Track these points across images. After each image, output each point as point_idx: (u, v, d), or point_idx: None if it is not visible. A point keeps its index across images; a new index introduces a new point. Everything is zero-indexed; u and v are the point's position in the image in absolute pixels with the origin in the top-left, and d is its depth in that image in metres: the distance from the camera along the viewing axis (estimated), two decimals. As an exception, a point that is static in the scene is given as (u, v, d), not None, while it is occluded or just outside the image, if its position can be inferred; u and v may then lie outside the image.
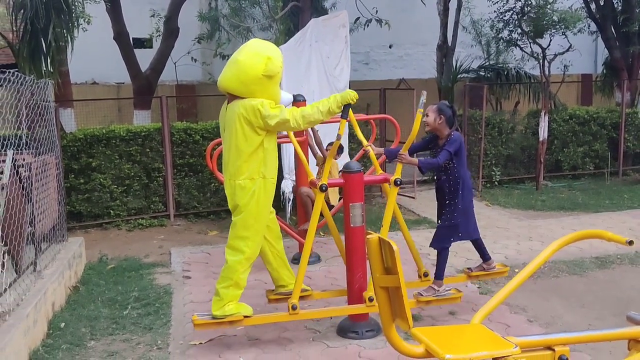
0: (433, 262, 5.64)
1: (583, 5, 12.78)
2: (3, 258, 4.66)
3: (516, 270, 6.72)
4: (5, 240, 4.76)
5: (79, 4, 7.84)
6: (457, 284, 5.71)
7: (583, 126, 12.20)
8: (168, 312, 5.65)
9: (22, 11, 7.37)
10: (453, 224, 5.17)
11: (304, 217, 6.93)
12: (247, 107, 4.47)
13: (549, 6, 10.12)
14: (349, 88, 9.34)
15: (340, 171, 4.94)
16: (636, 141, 12.51)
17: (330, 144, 7.08)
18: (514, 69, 13.20)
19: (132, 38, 12.24)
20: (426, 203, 10.17)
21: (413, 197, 10.31)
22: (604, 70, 14.13)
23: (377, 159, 5.67)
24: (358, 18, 12.45)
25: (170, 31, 12.05)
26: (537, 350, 2.80)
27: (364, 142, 5.50)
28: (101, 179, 8.94)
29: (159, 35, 12.52)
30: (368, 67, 17.96)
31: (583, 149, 12.23)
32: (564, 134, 12.09)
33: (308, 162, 6.52)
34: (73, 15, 7.62)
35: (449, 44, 14.07)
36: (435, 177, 5.61)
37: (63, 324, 5.26)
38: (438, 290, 5.27)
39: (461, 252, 7.41)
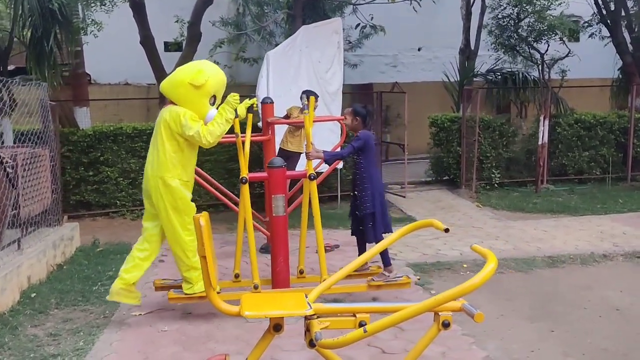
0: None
1: (595, 11, 12.83)
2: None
3: (465, 266, 7.13)
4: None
5: (77, 12, 8.66)
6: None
7: (589, 131, 12.25)
8: (130, 288, 6.34)
9: (29, 19, 8.29)
10: (371, 212, 5.59)
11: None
12: (172, 113, 5.08)
13: (542, 12, 10.31)
14: (341, 91, 9.96)
15: (267, 165, 5.48)
16: (646, 146, 12.46)
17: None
18: (522, 73, 13.34)
19: (163, 42, 13.05)
20: (415, 203, 10.56)
21: (403, 197, 10.72)
22: (619, 75, 14.06)
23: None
24: (358, 24, 12.92)
25: (193, 36, 12.88)
26: (343, 315, 3.30)
27: (309, 143, 6.01)
28: (109, 172, 9.81)
29: (184, 39, 13.36)
30: (396, 69, 18.29)
31: (589, 153, 12.29)
32: (569, 138, 12.19)
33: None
34: (74, 23, 8.48)
35: (472, 47, 14.35)
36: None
37: (34, 294, 6.03)
38: (388, 276, 5.68)
39: (421, 248, 7.83)
